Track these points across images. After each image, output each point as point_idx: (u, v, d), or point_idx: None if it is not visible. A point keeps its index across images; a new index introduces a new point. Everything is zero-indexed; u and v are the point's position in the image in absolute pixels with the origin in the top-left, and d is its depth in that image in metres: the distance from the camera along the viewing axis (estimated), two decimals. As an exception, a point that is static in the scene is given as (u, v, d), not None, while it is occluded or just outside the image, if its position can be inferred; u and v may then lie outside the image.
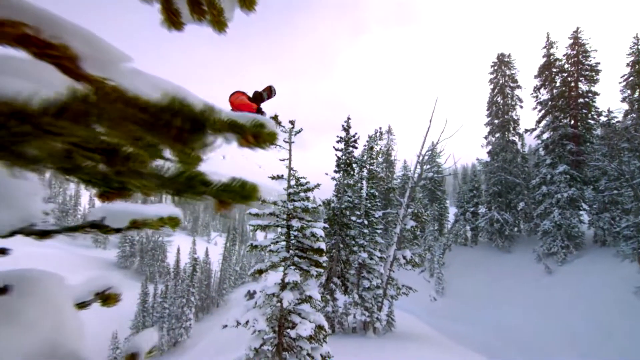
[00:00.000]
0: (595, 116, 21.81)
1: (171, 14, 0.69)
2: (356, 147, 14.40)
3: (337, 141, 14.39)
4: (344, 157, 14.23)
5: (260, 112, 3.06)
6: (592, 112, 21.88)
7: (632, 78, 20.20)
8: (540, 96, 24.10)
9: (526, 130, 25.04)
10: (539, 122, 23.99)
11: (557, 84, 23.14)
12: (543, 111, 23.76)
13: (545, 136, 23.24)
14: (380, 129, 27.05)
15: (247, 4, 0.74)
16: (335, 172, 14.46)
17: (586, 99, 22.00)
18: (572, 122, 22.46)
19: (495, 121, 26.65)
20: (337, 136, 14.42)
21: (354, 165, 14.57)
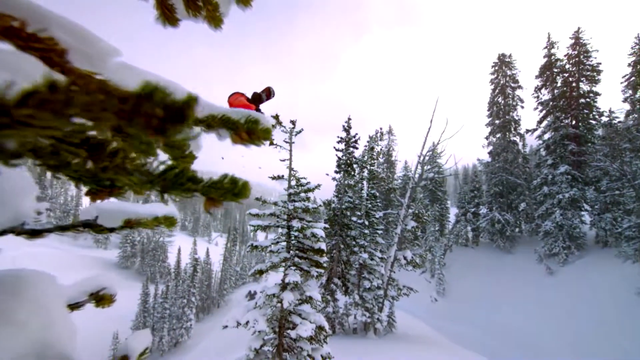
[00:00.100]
0: (597, 116, 21.73)
1: (166, 10, 0.67)
2: (357, 148, 14.37)
3: (338, 141, 14.37)
4: (344, 157, 14.21)
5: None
6: (594, 113, 21.81)
7: (633, 78, 20.15)
8: (541, 96, 24.07)
9: (527, 131, 24.99)
10: (540, 122, 23.94)
11: (558, 84, 23.09)
12: (544, 111, 23.71)
13: (546, 136, 23.19)
14: (381, 129, 27.06)
15: (243, 0, 0.73)
16: (335, 172, 14.45)
17: (587, 99, 21.93)
18: (573, 122, 22.40)
19: (496, 121, 26.61)
20: (338, 136, 14.40)
21: (354, 166, 14.54)
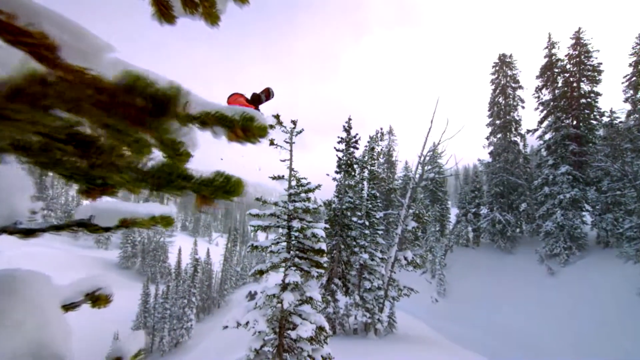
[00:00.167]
0: (598, 116, 21.67)
1: (162, 7, 0.67)
2: (357, 148, 14.35)
3: (338, 142, 14.35)
4: (345, 157, 14.20)
5: None
6: (595, 113, 21.76)
7: (634, 78, 20.09)
8: (542, 97, 24.03)
9: (528, 131, 24.93)
10: (540, 122, 23.89)
11: (559, 85, 23.05)
12: (545, 112, 23.66)
13: (547, 137, 23.13)
14: (381, 129, 27.04)
15: (240, -3, 0.72)
16: (336, 172, 14.44)
17: (588, 100, 21.88)
18: (574, 122, 22.35)
19: (497, 122, 26.56)
20: (338, 137, 14.39)
21: (355, 166, 14.53)
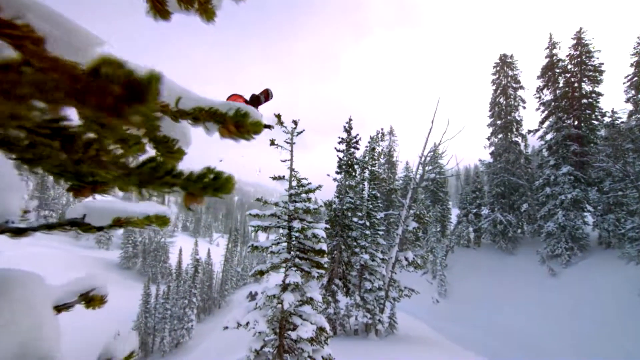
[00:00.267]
0: (599, 117, 21.60)
1: (157, 2, 0.65)
2: (358, 148, 14.35)
3: (339, 142, 14.35)
4: (345, 158, 14.19)
5: None
6: (596, 113, 21.69)
7: (636, 78, 20.03)
8: (543, 97, 23.96)
9: (529, 131, 24.87)
10: (542, 122, 23.83)
11: (560, 85, 22.99)
12: (546, 112, 23.60)
13: (548, 137, 23.07)
14: (382, 130, 27.00)
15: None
16: (336, 173, 14.43)
17: (590, 100, 21.82)
18: (575, 122, 22.29)
19: (498, 122, 26.52)
20: (339, 137, 14.39)
21: (355, 167, 14.52)
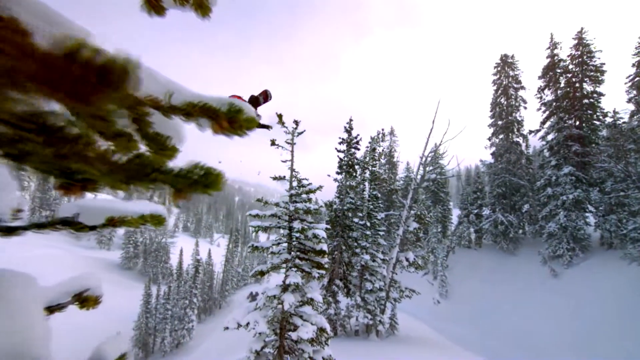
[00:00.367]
0: (601, 117, 21.50)
1: (151, -2, 0.64)
2: (358, 149, 14.33)
3: (339, 142, 14.34)
4: (346, 158, 14.18)
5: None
6: (598, 113, 21.59)
7: (637, 78, 19.93)
8: (544, 97, 23.88)
9: (530, 132, 24.78)
10: (543, 123, 23.74)
11: (562, 85, 22.90)
12: (547, 112, 23.52)
13: (549, 137, 22.98)
14: (382, 130, 26.97)
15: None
16: (337, 173, 14.41)
17: (591, 100, 21.73)
18: (577, 123, 22.20)
19: (499, 122, 26.45)
20: (339, 137, 14.38)
21: (356, 167, 14.51)
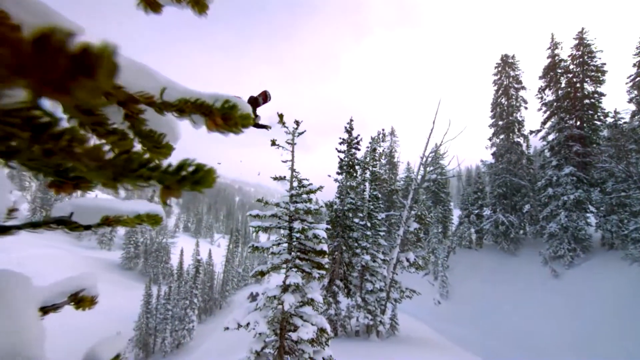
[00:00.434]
0: (602, 117, 21.47)
1: (147, -6, 0.64)
2: (359, 149, 14.32)
3: (340, 143, 14.33)
4: (346, 158, 14.17)
5: (255, 117, 3.16)
6: (599, 113, 21.56)
7: (638, 78, 19.91)
8: (545, 97, 23.85)
9: (531, 132, 24.75)
10: (544, 123, 23.72)
11: (562, 85, 22.88)
12: (548, 112, 23.49)
13: (550, 137, 22.95)
14: (383, 130, 26.97)
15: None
16: (337, 173, 14.41)
17: (592, 100, 21.70)
18: (577, 123, 22.17)
19: (500, 122, 26.42)
20: (340, 138, 14.37)
21: (356, 167, 14.50)
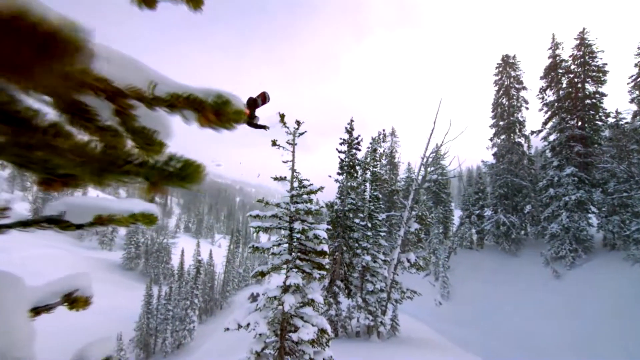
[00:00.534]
0: (603, 117, 21.40)
1: (141, -10, 0.63)
2: (359, 149, 14.31)
3: (340, 143, 14.32)
4: (347, 159, 14.15)
5: (253, 117, 3.17)
6: (600, 114, 21.48)
7: (640, 79, 19.86)
8: (546, 97, 23.78)
9: (532, 132, 24.69)
10: (545, 123, 23.65)
11: (564, 85, 22.81)
12: (549, 113, 23.43)
13: (551, 138, 22.88)
14: (383, 131, 26.95)
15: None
16: (338, 174, 14.39)
17: (593, 100, 21.63)
18: (579, 123, 22.10)
19: (501, 123, 26.36)
20: (340, 138, 14.35)
21: (357, 168, 14.48)
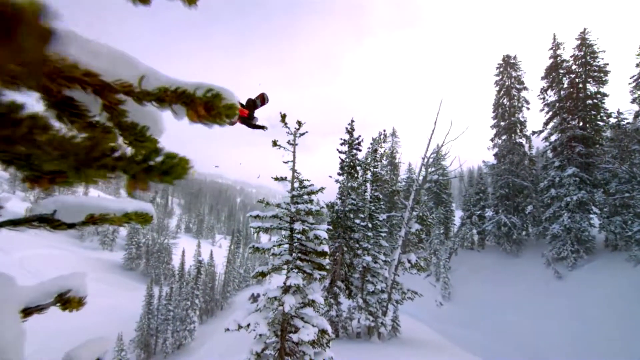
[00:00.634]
0: (605, 118, 21.34)
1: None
2: (360, 150, 14.28)
3: (341, 144, 14.29)
4: (347, 159, 14.13)
5: (252, 118, 3.19)
6: (601, 114, 21.42)
7: (642, 79, 19.79)
8: (547, 98, 23.73)
9: (533, 132, 24.63)
10: (546, 124, 23.60)
11: (565, 86, 22.76)
12: (550, 113, 23.37)
13: (553, 138, 22.83)
14: (384, 131, 26.89)
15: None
16: (338, 174, 14.36)
17: (595, 100, 21.57)
18: (580, 123, 22.04)
19: (502, 123, 26.32)
20: (341, 139, 14.33)
21: (357, 168, 14.45)
